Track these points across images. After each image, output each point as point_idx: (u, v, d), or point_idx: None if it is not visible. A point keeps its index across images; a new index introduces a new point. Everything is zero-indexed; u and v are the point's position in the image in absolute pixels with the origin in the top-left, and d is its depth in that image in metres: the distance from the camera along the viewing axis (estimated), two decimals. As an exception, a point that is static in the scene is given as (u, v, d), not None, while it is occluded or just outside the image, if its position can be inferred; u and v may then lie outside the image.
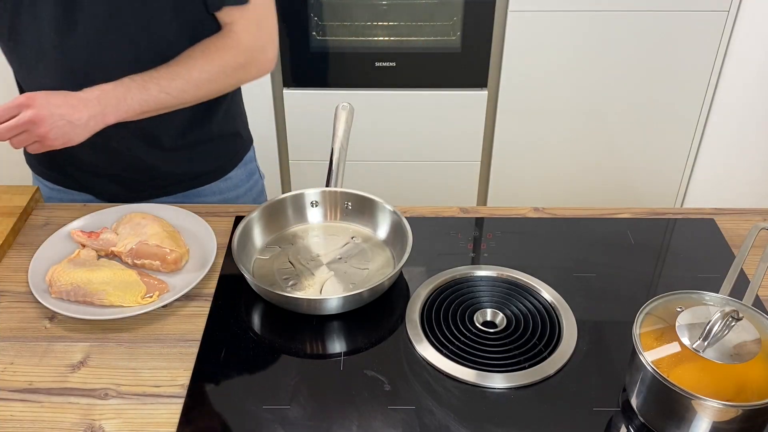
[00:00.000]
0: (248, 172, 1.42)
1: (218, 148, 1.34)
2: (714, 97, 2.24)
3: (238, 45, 1.18)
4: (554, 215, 1.26)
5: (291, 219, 1.21)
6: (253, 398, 0.92)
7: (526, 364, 0.96)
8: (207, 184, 1.36)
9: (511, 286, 1.10)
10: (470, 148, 2.34)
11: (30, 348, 1.00)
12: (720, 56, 2.17)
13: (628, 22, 2.10)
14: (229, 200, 1.39)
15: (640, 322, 0.89)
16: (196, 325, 1.03)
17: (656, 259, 1.16)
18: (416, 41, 2.18)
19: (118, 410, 0.91)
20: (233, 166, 1.38)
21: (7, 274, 1.12)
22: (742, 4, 2.07)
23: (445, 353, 0.98)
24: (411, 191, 2.41)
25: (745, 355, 0.83)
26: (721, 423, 0.82)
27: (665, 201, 2.47)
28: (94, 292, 1.03)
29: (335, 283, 1.10)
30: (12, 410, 0.91)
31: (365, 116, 2.18)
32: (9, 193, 1.26)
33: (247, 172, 1.42)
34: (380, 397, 0.92)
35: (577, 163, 2.37)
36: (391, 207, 1.16)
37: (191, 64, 1.15)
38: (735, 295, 0.93)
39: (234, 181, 1.39)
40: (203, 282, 1.08)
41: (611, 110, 2.27)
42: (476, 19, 2.11)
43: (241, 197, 1.41)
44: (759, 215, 1.25)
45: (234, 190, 1.39)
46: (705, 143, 2.33)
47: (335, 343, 1.02)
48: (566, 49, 2.15)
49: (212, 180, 1.36)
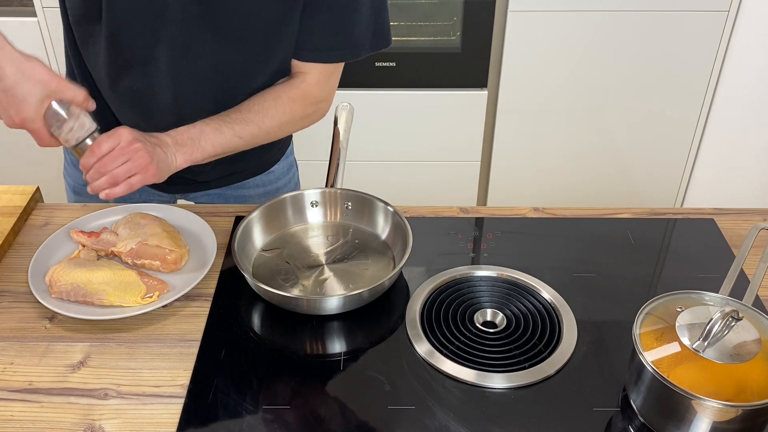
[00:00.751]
0: (288, 164, 1.44)
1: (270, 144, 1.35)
2: (714, 97, 2.24)
3: (308, 96, 1.20)
4: (554, 215, 1.26)
5: (291, 219, 1.21)
6: (253, 398, 0.92)
7: (526, 364, 0.96)
8: (251, 177, 1.37)
9: (511, 286, 1.10)
10: (470, 148, 2.34)
11: (30, 348, 1.00)
12: (720, 56, 2.17)
13: (627, 22, 2.10)
14: (270, 193, 1.40)
15: (640, 322, 0.89)
16: (196, 325, 1.03)
17: (656, 259, 1.16)
18: (416, 41, 2.18)
19: (118, 410, 0.91)
20: (277, 159, 1.40)
21: (7, 274, 1.12)
22: (742, 4, 2.07)
23: (445, 353, 0.98)
24: (411, 191, 2.41)
25: (745, 355, 0.83)
26: (721, 423, 0.82)
27: (665, 201, 2.47)
28: (94, 292, 1.03)
29: (335, 283, 1.10)
30: (12, 410, 0.91)
31: (365, 116, 2.18)
32: (9, 193, 1.26)
33: (287, 164, 1.43)
34: (380, 397, 0.92)
35: (577, 163, 2.37)
36: (391, 207, 1.16)
37: (264, 113, 1.16)
38: (735, 295, 0.93)
39: (276, 174, 1.40)
40: (203, 282, 1.08)
41: (611, 110, 2.27)
42: (476, 19, 2.11)
43: (281, 189, 1.42)
44: (759, 215, 1.25)
45: (275, 182, 1.41)
46: (705, 143, 2.33)
47: (335, 343, 1.02)
48: (566, 49, 2.15)
49: (257, 173, 1.37)
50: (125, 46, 1.11)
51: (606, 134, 2.32)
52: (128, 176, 1.02)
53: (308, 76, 1.19)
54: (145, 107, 1.18)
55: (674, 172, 2.40)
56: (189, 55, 1.12)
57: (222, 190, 1.37)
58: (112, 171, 1.01)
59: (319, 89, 1.21)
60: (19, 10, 2.15)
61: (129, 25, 1.09)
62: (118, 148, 1.01)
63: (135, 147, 1.02)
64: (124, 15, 1.08)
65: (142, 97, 1.17)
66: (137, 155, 1.02)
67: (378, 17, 1.16)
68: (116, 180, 1.02)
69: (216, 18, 1.09)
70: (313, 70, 1.19)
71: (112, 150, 1.01)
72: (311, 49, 1.17)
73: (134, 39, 1.10)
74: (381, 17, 1.17)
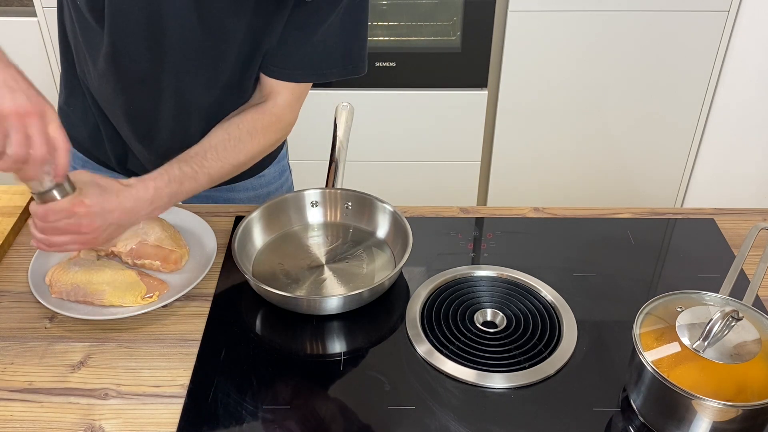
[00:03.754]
0: (280, 169, 1.43)
1: None
2: (714, 97, 2.24)
3: (280, 121, 1.18)
4: (554, 215, 1.26)
5: (291, 219, 1.21)
6: (253, 398, 0.92)
7: (526, 364, 0.96)
8: (241, 180, 1.36)
9: (511, 286, 1.10)
10: (470, 148, 2.34)
11: (30, 348, 1.00)
12: (720, 56, 2.17)
13: (628, 22, 2.10)
14: (260, 196, 1.39)
15: (640, 322, 0.89)
16: (196, 325, 1.03)
17: (656, 259, 1.16)
18: (416, 41, 2.18)
19: (118, 410, 0.91)
20: (268, 164, 1.39)
21: (7, 274, 1.12)
22: (742, 4, 2.07)
23: (445, 353, 0.98)
24: (411, 191, 2.41)
25: (745, 355, 0.83)
26: (721, 423, 0.82)
27: (665, 201, 2.47)
28: (94, 292, 1.03)
29: (335, 283, 1.10)
30: (12, 410, 0.91)
31: (365, 116, 2.18)
32: (9, 193, 1.26)
33: (279, 169, 1.43)
34: (380, 397, 0.92)
35: (577, 163, 2.37)
36: (391, 207, 1.16)
37: (240, 148, 1.13)
38: (735, 295, 0.93)
39: (267, 178, 1.40)
40: (203, 282, 1.08)
41: (611, 110, 2.27)
42: (476, 19, 2.11)
43: (272, 193, 1.41)
44: (759, 215, 1.25)
45: (266, 186, 1.40)
46: (705, 143, 2.33)
47: (335, 343, 1.02)
48: (566, 49, 2.15)
49: (247, 177, 1.36)
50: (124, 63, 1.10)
51: (606, 134, 2.32)
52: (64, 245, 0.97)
53: (279, 98, 1.16)
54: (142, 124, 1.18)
55: (674, 172, 2.40)
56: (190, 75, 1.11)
57: (210, 192, 1.35)
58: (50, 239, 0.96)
59: (290, 112, 1.19)
60: (19, 10, 2.15)
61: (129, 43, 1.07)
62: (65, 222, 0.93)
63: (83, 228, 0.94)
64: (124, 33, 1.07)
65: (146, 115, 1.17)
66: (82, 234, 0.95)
67: (349, 42, 1.14)
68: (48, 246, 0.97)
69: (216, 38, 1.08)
70: (284, 90, 1.16)
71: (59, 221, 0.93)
72: (280, 66, 1.14)
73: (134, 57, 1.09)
74: (353, 43, 1.14)
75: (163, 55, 1.09)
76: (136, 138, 1.21)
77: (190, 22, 1.05)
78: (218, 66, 1.12)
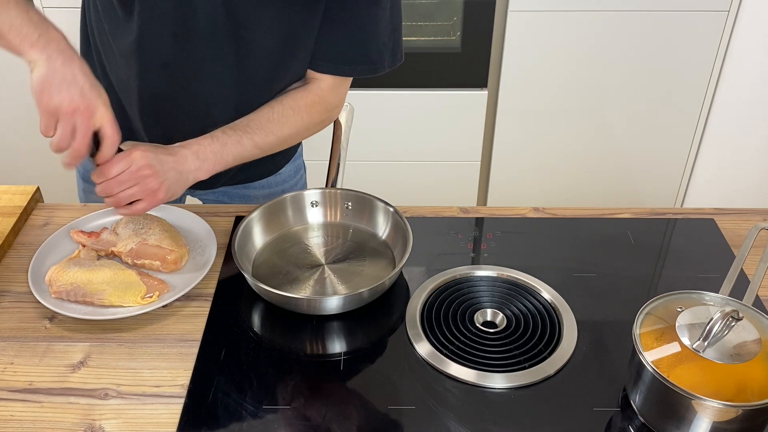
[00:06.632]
0: (296, 167, 1.44)
1: None
2: (714, 97, 2.24)
3: (323, 102, 1.21)
4: (554, 215, 1.26)
5: (291, 219, 1.21)
6: (253, 398, 0.92)
7: (526, 364, 0.96)
8: (258, 179, 1.37)
9: (511, 286, 1.10)
10: (470, 148, 2.34)
11: (30, 348, 1.00)
12: (720, 56, 2.17)
13: (628, 22, 2.10)
14: (275, 194, 1.40)
15: (640, 322, 0.89)
16: (196, 325, 1.03)
17: (656, 259, 1.16)
18: (416, 41, 2.18)
19: (118, 410, 0.91)
20: (285, 162, 1.40)
21: (7, 274, 1.12)
22: (742, 4, 2.07)
23: (445, 353, 0.98)
24: (411, 191, 2.41)
25: (745, 355, 0.83)
26: (721, 423, 0.82)
27: (665, 201, 2.47)
28: (94, 292, 1.03)
29: (335, 283, 1.10)
30: (12, 410, 0.91)
31: (365, 116, 2.18)
32: (9, 193, 1.26)
33: (295, 167, 1.43)
34: (380, 397, 0.92)
35: (577, 163, 2.37)
36: (391, 207, 1.16)
37: (283, 122, 1.16)
38: (735, 295, 0.93)
39: (283, 176, 1.41)
40: (203, 282, 1.08)
41: (611, 110, 2.27)
42: (476, 19, 2.11)
43: (287, 191, 1.41)
44: (759, 215, 1.25)
45: (282, 184, 1.41)
46: (705, 143, 2.33)
47: (335, 343, 1.02)
48: (566, 49, 2.15)
49: (265, 176, 1.38)
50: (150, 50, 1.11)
51: (606, 134, 2.32)
52: (132, 200, 1.03)
53: (322, 83, 1.19)
54: (167, 112, 1.18)
55: (674, 172, 2.40)
56: (213, 63, 1.12)
57: (227, 188, 1.37)
58: (117, 195, 1.01)
59: (334, 95, 1.22)
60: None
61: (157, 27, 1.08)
62: (127, 172, 1.01)
63: (144, 174, 1.02)
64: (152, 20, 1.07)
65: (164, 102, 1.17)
66: (145, 182, 1.02)
67: (396, 35, 1.17)
68: (119, 203, 1.03)
69: (241, 27, 1.09)
70: (327, 77, 1.19)
71: (120, 173, 1.00)
72: (329, 61, 1.17)
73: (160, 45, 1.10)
74: (398, 35, 1.18)
75: (187, 42, 1.09)
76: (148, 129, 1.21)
77: (216, 10, 1.06)
78: (240, 56, 1.12)
